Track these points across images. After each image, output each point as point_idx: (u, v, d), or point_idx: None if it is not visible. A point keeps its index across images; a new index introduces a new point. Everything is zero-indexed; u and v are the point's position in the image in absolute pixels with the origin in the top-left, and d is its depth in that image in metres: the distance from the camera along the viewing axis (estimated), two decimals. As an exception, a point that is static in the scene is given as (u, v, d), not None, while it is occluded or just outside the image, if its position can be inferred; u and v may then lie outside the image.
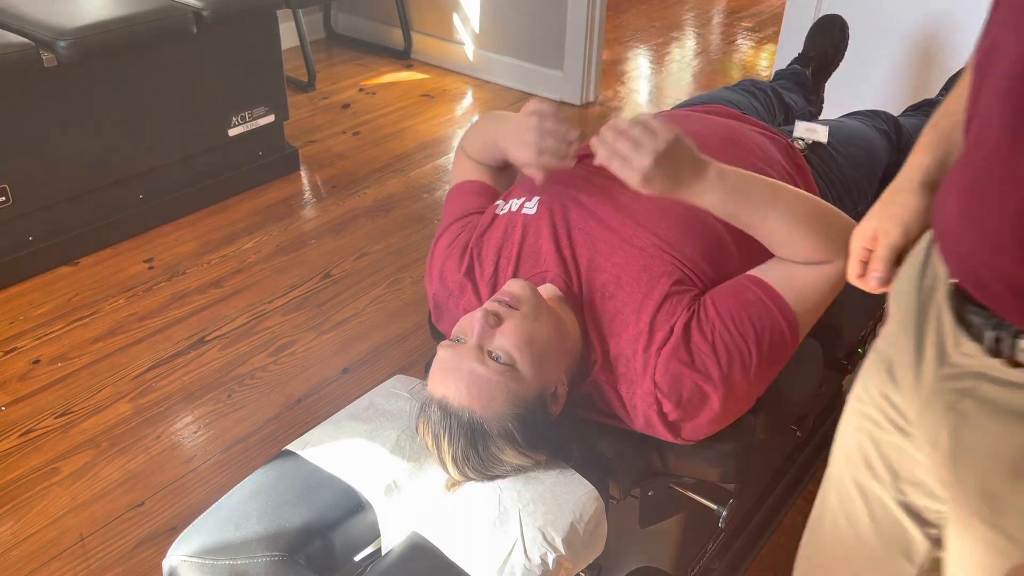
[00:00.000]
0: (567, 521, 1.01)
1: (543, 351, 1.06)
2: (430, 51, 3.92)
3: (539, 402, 1.07)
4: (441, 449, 1.05)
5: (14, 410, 1.97)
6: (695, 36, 4.53)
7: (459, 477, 1.07)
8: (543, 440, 1.08)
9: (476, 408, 1.03)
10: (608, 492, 1.11)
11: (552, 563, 0.97)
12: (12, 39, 2.18)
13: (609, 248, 1.16)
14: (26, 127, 2.26)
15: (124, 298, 2.33)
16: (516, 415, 1.04)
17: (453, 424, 1.03)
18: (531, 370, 1.05)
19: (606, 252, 1.16)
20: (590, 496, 1.05)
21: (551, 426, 1.09)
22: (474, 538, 1.00)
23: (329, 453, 1.11)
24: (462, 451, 1.04)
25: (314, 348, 2.18)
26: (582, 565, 1.04)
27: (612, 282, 1.14)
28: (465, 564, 0.98)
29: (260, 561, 0.99)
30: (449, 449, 1.04)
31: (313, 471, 1.09)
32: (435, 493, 1.07)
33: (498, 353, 1.04)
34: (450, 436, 1.04)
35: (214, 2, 2.51)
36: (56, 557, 1.64)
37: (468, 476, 1.07)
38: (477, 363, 1.03)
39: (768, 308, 1.08)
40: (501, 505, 1.02)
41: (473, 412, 1.03)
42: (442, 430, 1.04)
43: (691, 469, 1.18)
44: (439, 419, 1.04)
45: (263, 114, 2.82)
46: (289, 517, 1.03)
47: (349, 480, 1.08)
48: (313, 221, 2.74)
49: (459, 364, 1.04)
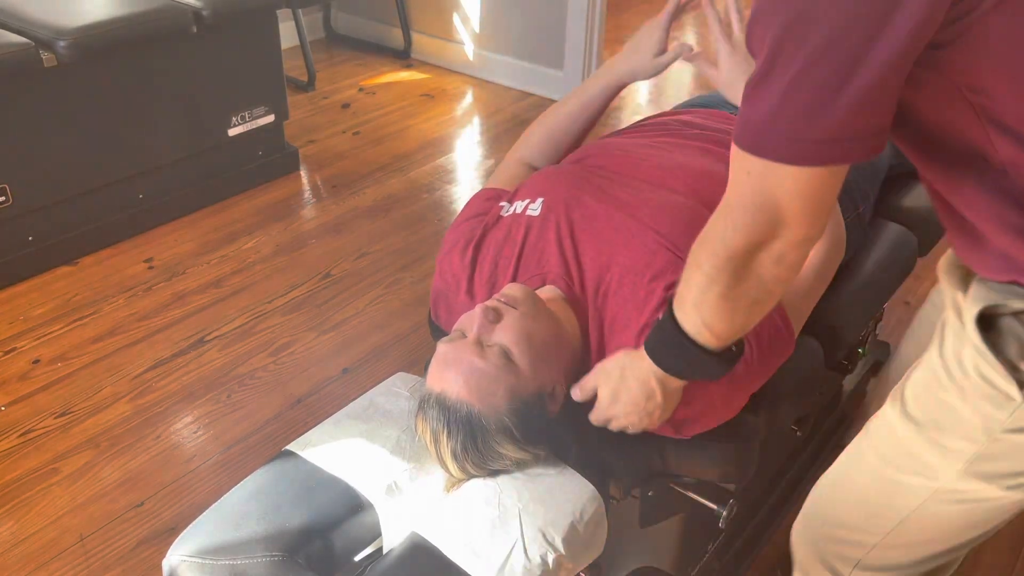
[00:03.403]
0: (567, 521, 1.01)
1: (541, 350, 1.07)
2: (430, 51, 3.92)
3: (537, 399, 1.07)
4: (440, 444, 1.05)
5: (14, 410, 1.96)
6: (695, 36, 4.53)
7: (460, 474, 1.07)
8: (541, 436, 1.08)
9: (474, 402, 1.03)
10: (608, 492, 1.11)
11: (552, 563, 0.97)
12: (12, 39, 2.18)
13: (611, 248, 1.16)
14: (26, 127, 2.26)
15: (124, 298, 2.33)
16: (514, 410, 1.04)
17: (451, 418, 1.04)
18: (529, 367, 1.05)
19: (608, 252, 1.16)
20: (590, 496, 1.05)
21: (549, 423, 1.09)
22: (474, 538, 1.00)
23: (329, 453, 1.11)
24: (461, 445, 1.04)
25: (314, 348, 2.18)
26: (582, 565, 1.04)
27: (614, 281, 1.14)
28: (465, 564, 0.97)
29: (260, 561, 0.99)
30: (448, 444, 1.04)
31: (313, 471, 1.09)
32: (435, 493, 1.07)
33: (497, 348, 1.04)
34: (448, 431, 1.04)
35: (214, 2, 2.51)
36: (56, 557, 1.64)
37: (468, 471, 1.07)
38: (476, 356, 1.04)
39: None
40: (501, 505, 1.02)
41: (471, 406, 1.03)
42: (440, 426, 1.04)
43: (691, 469, 1.18)
44: (437, 414, 1.05)
45: (263, 114, 2.82)
46: (289, 517, 1.03)
47: (349, 480, 1.08)
48: (313, 221, 2.74)
49: (458, 356, 1.04)
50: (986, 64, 0.70)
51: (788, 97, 0.70)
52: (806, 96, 0.69)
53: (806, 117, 0.70)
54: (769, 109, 0.72)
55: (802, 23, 0.67)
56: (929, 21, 0.66)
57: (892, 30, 0.65)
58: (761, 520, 1.65)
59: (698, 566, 1.47)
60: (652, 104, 3.71)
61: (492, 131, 3.39)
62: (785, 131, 0.72)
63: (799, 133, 0.71)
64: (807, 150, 0.72)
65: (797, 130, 0.71)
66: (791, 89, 0.70)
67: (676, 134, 1.40)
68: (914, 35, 0.66)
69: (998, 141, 0.74)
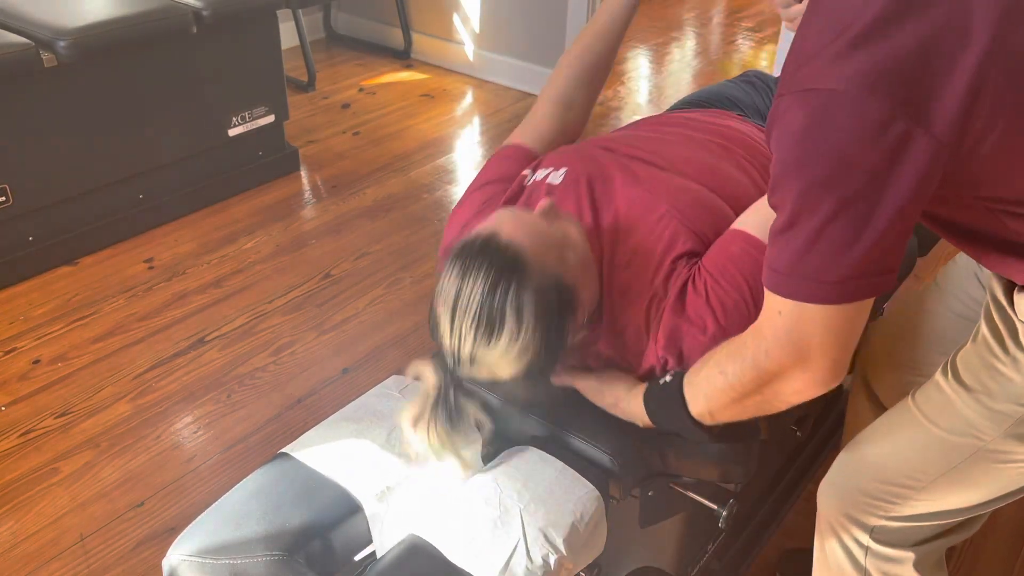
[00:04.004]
0: (568, 521, 1.01)
1: (585, 264, 1.08)
2: (430, 51, 3.92)
3: (574, 296, 1.05)
4: (464, 293, 0.97)
5: (14, 410, 1.96)
6: (695, 36, 4.54)
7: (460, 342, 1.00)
8: (558, 340, 1.03)
9: (527, 247, 0.99)
10: (608, 492, 1.11)
11: (554, 564, 0.97)
12: (12, 39, 2.18)
13: (628, 222, 1.17)
14: (26, 127, 2.26)
15: (124, 298, 2.33)
16: (555, 282, 1.01)
17: (494, 257, 0.97)
18: (578, 266, 1.06)
19: (626, 225, 1.17)
20: (590, 496, 1.05)
21: (569, 333, 1.06)
22: (475, 539, 0.99)
23: (323, 456, 1.11)
24: (491, 285, 0.96)
25: (314, 348, 2.18)
26: (582, 565, 1.04)
27: (629, 252, 1.14)
28: (466, 564, 0.97)
29: (260, 560, 0.99)
30: (470, 286, 0.97)
31: (312, 471, 1.09)
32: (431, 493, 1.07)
33: (558, 228, 1.06)
34: (482, 268, 0.97)
35: (214, 2, 2.51)
36: (56, 557, 1.64)
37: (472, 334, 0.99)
38: (542, 220, 1.05)
39: (753, 258, 1.09)
40: (502, 505, 1.02)
41: (523, 251, 0.98)
42: (476, 263, 0.97)
43: (691, 469, 1.18)
44: (478, 250, 0.98)
45: (263, 114, 2.82)
46: (289, 517, 1.03)
47: (342, 482, 1.08)
48: (313, 221, 2.74)
49: (522, 214, 1.05)
50: (986, 174, 0.82)
51: (808, 250, 0.82)
52: (824, 248, 0.81)
53: (823, 267, 0.82)
54: (792, 259, 0.83)
55: (817, 190, 0.79)
56: (928, 178, 0.77)
57: (896, 191, 0.77)
58: (761, 520, 1.65)
59: (698, 566, 1.47)
60: (652, 104, 3.72)
61: (492, 131, 3.40)
62: (805, 276, 0.83)
63: (819, 277, 0.82)
64: (827, 291, 0.83)
65: (817, 275, 0.83)
66: (810, 243, 0.81)
67: (682, 125, 1.42)
68: (915, 193, 0.78)
69: (1010, 223, 0.87)
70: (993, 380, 0.98)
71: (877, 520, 1.13)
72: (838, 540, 1.19)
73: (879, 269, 0.82)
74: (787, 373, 0.91)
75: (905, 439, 1.09)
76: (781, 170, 0.82)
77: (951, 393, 1.02)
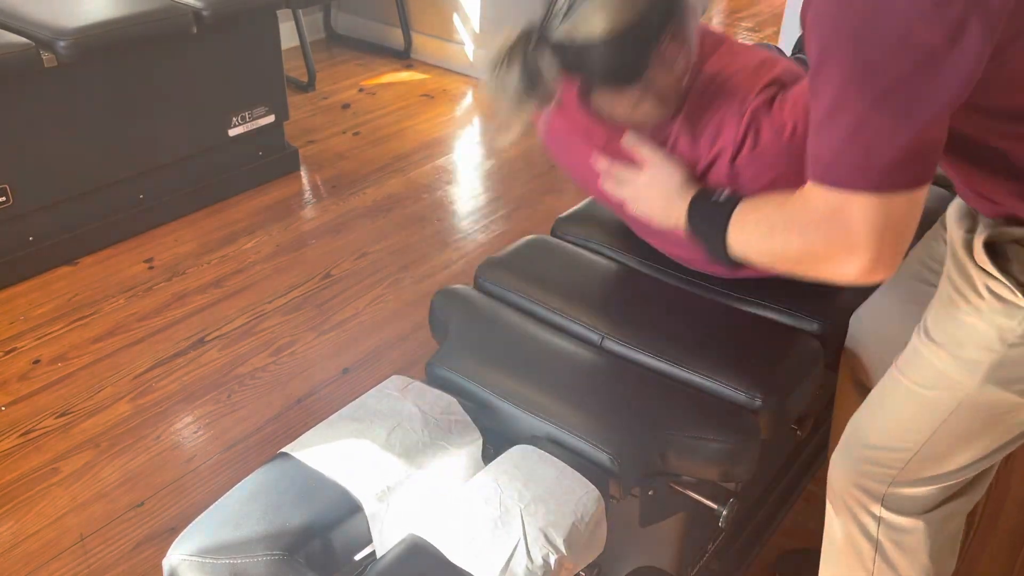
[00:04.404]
0: (568, 521, 1.01)
1: None
2: (430, 51, 3.92)
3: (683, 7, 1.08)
4: None
5: (14, 410, 1.96)
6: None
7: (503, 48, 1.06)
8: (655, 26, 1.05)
9: None
10: (608, 492, 1.11)
11: (554, 564, 0.98)
12: (12, 39, 2.18)
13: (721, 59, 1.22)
14: (26, 127, 2.26)
15: (124, 298, 2.33)
16: None
17: None
18: None
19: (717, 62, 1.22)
20: (590, 496, 1.05)
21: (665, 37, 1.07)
22: (475, 539, 0.99)
23: (322, 455, 1.11)
24: None
25: (314, 348, 2.18)
26: (582, 565, 1.04)
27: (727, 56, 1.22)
28: (466, 564, 0.97)
29: (260, 560, 0.99)
30: None
31: (312, 471, 1.09)
32: (431, 493, 1.07)
33: None
34: None
35: (214, 2, 2.51)
36: (56, 557, 1.64)
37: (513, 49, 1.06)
38: None
39: None
40: (502, 505, 1.02)
41: None
42: None
43: (691, 468, 1.18)
44: None
45: (263, 114, 2.82)
46: (289, 517, 1.03)
47: (342, 482, 1.08)
48: (313, 221, 2.74)
49: None
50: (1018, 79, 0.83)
51: (852, 138, 0.80)
52: (867, 137, 0.80)
53: (871, 152, 0.80)
54: (838, 146, 0.82)
55: (866, 71, 0.77)
56: (971, 78, 0.77)
57: (953, 71, 0.76)
58: (761, 520, 1.65)
59: (698, 566, 1.47)
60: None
61: (492, 131, 3.40)
62: (853, 164, 0.82)
63: (866, 163, 0.81)
64: (873, 178, 0.82)
65: (864, 161, 0.81)
66: (855, 131, 0.80)
67: None
68: (970, 75, 0.77)
69: None
70: (960, 330, 1.00)
71: (885, 488, 1.14)
72: (851, 514, 1.20)
73: (924, 157, 0.82)
74: (834, 259, 0.90)
75: (894, 403, 1.12)
76: (821, 53, 0.80)
77: (924, 351, 1.05)
